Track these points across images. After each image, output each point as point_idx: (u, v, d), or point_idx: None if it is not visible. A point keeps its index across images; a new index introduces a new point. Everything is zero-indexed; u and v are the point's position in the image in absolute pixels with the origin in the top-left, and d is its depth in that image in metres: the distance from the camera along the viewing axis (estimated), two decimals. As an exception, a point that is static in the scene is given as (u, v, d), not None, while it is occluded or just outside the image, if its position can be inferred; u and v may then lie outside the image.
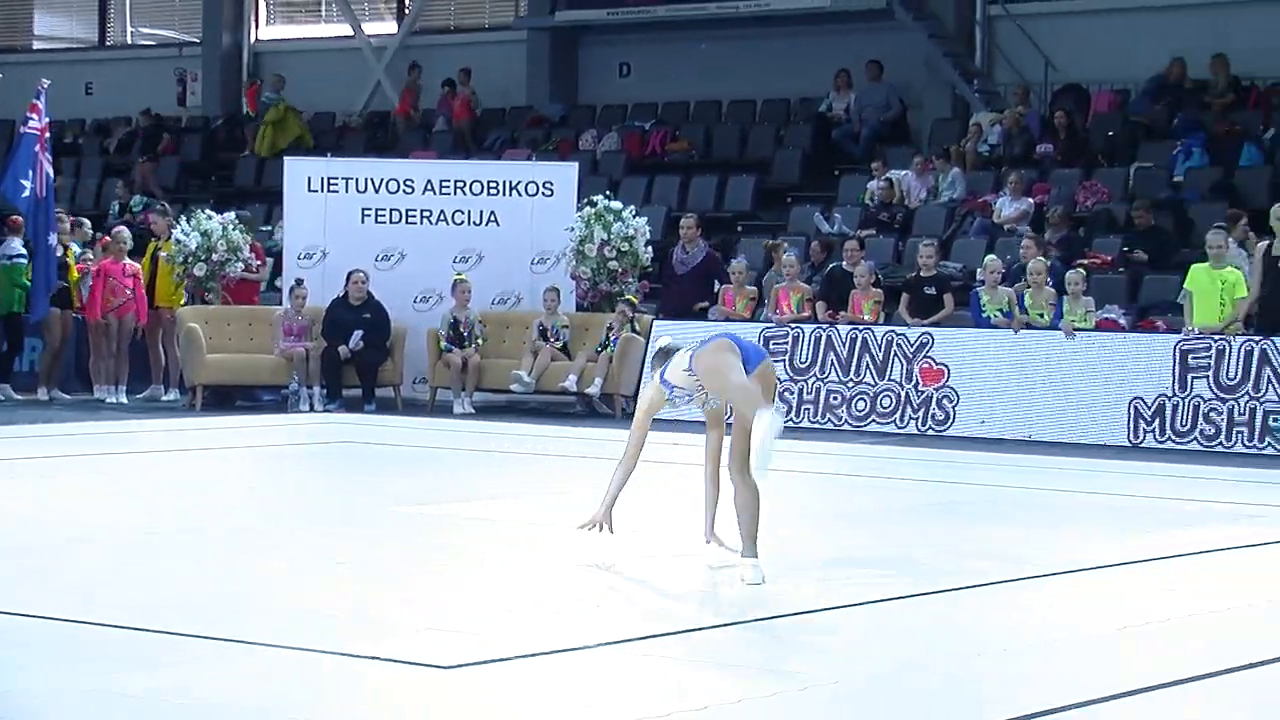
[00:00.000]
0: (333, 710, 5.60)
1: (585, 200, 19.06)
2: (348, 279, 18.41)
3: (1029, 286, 17.02)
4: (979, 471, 13.68)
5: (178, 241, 18.93)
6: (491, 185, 19.36)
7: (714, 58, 26.46)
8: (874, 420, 16.96)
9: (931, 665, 6.41)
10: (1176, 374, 15.77)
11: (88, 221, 20.38)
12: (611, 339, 18.04)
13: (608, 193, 19.71)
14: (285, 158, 21.46)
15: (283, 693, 5.79)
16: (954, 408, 16.66)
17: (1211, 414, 15.59)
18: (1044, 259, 17.40)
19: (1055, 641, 6.89)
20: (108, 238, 19.51)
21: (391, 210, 19.32)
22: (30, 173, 18.56)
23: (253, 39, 31.14)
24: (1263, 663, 6.54)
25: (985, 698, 5.96)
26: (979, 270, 18.12)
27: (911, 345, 16.97)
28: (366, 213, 19.31)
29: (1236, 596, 8.01)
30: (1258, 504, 11.95)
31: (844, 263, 18.42)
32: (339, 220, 19.25)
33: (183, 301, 18.99)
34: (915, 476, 13.36)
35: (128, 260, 18.96)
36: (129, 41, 32.82)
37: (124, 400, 18.59)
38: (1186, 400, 15.71)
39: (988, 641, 6.88)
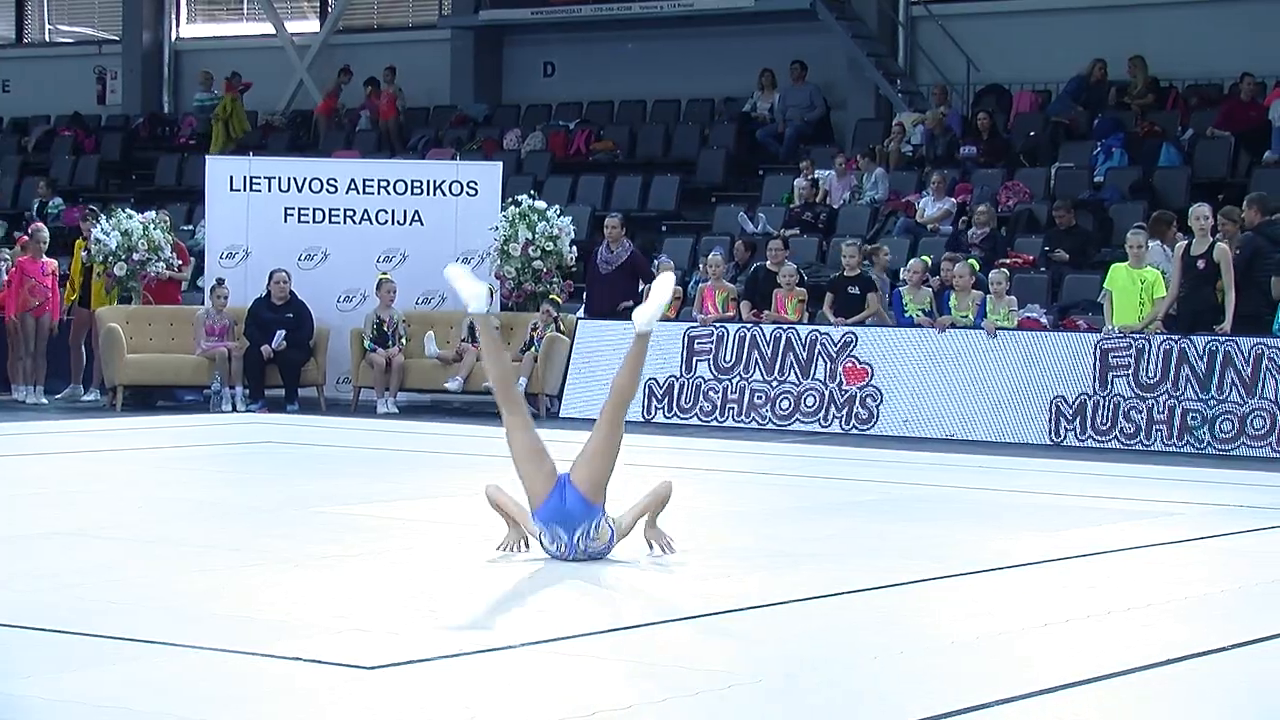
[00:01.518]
0: (256, 711, 5.57)
1: (509, 200, 19.03)
2: (270, 278, 18.31)
3: (953, 288, 17.12)
4: (902, 470, 13.74)
5: (97, 241, 18.77)
6: (415, 185, 19.30)
7: (638, 57, 26.50)
8: (798, 419, 17.02)
9: (854, 663, 6.43)
10: (1097, 373, 15.91)
11: None
12: (536, 339, 18.01)
13: (532, 192, 19.69)
14: (206, 156, 21.33)
15: (204, 695, 5.74)
16: (877, 407, 16.74)
17: (1131, 413, 15.73)
18: (974, 264, 17.49)
19: (977, 639, 6.93)
20: (25, 236, 19.30)
21: (315, 209, 19.23)
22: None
23: (173, 37, 30.93)
24: (1183, 658, 6.60)
25: (907, 695, 5.99)
26: (902, 270, 18.23)
27: (835, 345, 17.03)
28: (289, 212, 19.21)
29: (1156, 593, 8.08)
30: (1176, 502, 12.06)
31: (768, 262, 18.48)
32: (261, 219, 19.14)
33: (115, 303, 18.83)
34: (838, 475, 13.41)
35: (46, 259, 18.77)
36: (47, 39, 32.53)
37: (43, 400, 18.41)
38: (1107, 399, 15.84)
39: (910, 639, 6.91)
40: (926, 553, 9.12)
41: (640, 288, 18.72)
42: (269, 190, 19.22)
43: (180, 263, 19.73)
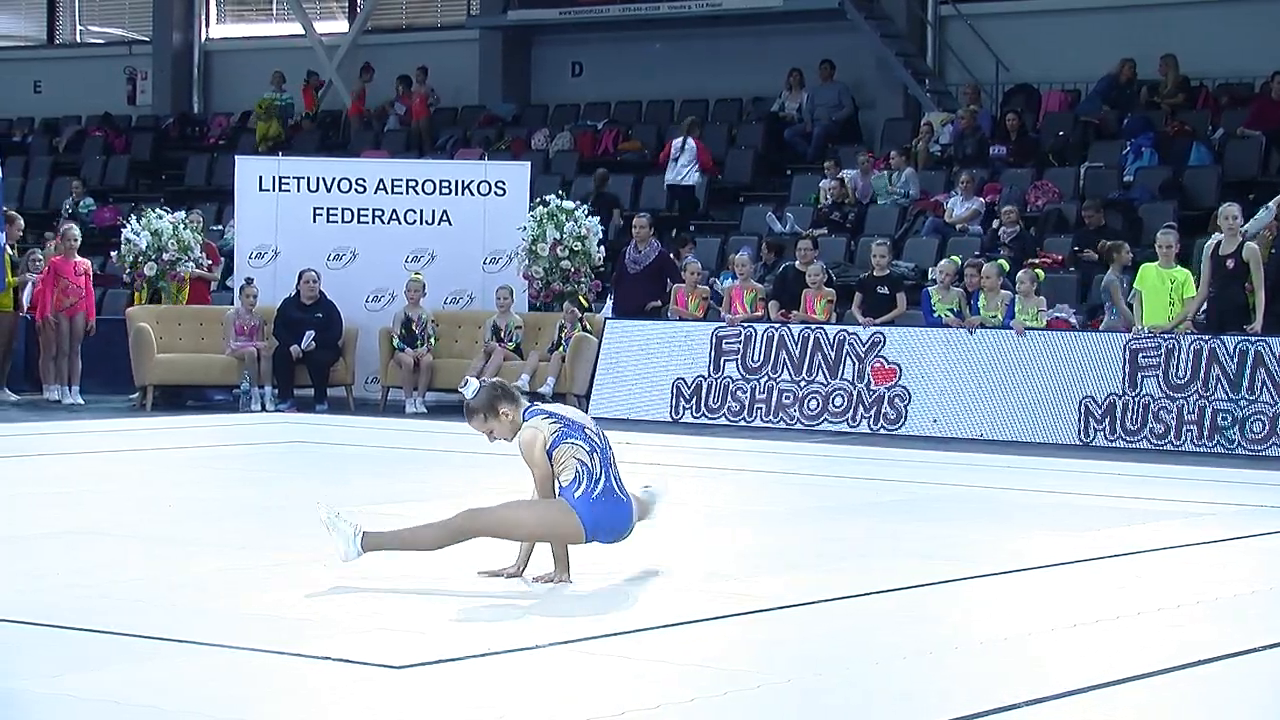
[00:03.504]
0: (284, 710, 5.58)
1: (537, 200, 19.04)
2: (299, 278, 18.35)
3: (982, 289, 17.06)
4: (930, 471, 13.71)
5: (127, 241, 18.84)
6: (444, 184, 19.32)
7: (666, 57, 26.49)
8: (826, 419, 16.99)
9: (883, 663, 6.42)
10: (1126, 373, 15.85)
11: (20, 219, 19.94)
12: (564, 339, 18.02)
13: (560, 192, 19.69)
14: (237, 156, 21.39)
15: (234, 693, 5.75)
16: (906, 407, 16.70)
17: (1161, 413, 15.67)
18: (1004, 264, 17.43)
19: (1006, 640, 6.91)
20: (59, 236, 19.36)
21: (343, 209, 19.26)
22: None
23: (203, 38, 31.02)
24: (1215, 659, 6.57)
25: (937, 695, 5.97)
26: (930, 270, 18.17)
27: (863, 345, 17.00)
28: (318, 212, 19.25)
29: (1187, 594, 8.05)
30: (1206, 502, 12.02)
31: (796, 262, 18.45)
32: (290, 219, 19.18)
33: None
34: (866, 475, 13.38)
35: (79, 258, 18.83)
36: (78, 40, 32.65)
37: (79, 400, 18.42)
38: (1136, 399, 15.78)
39: (939, 639, 6.89)
40: (954, 553, 9.10)
41: (668, 288, 18.72)
42: (298, 190, 19.25)
43: (210, 262, 19.78)
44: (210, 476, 12.69)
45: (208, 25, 31.15)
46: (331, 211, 19.26)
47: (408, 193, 19.30)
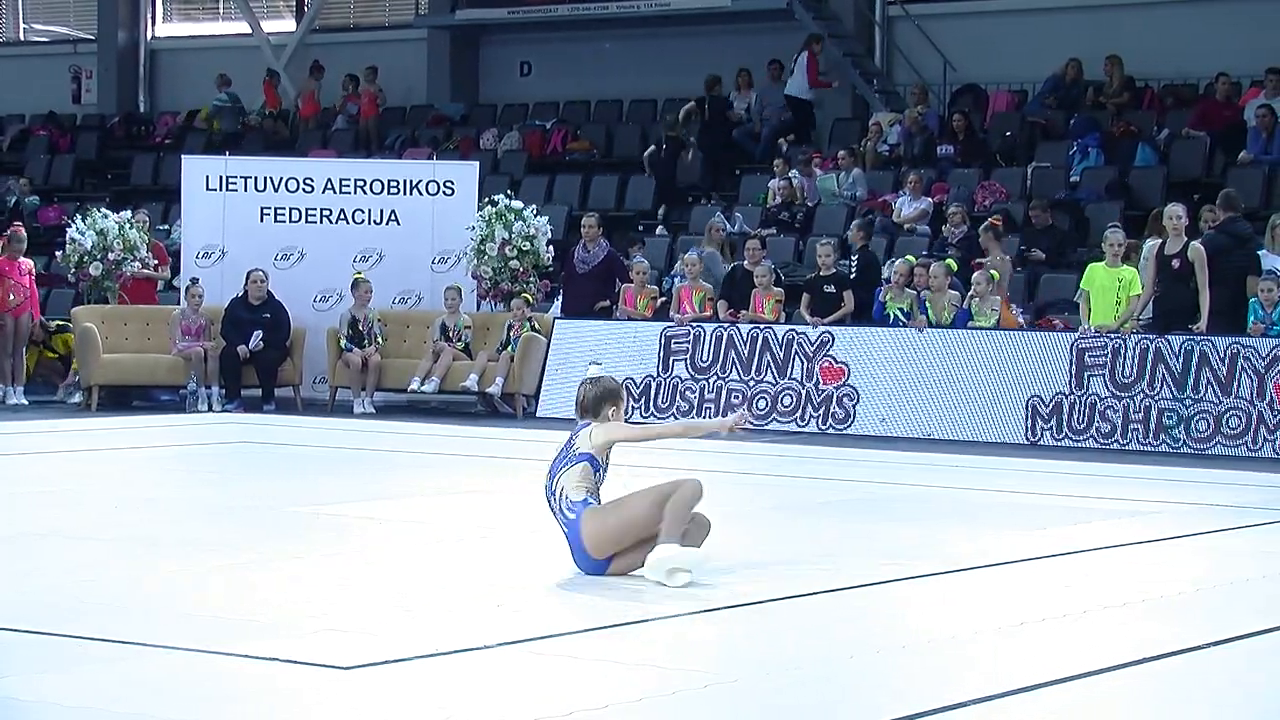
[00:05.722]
0: (234, 712, 5.55)
1: (486, 199, 19.01)
2: (247, 278, 18.27)
3: (930, 289, 17.10)
4: (878, 470, 13.75)
5: (72, 240, 18.71)
6: (392, 184, 19.27)
7: (615, 57, 26.50)
8: (775, 419, 17.02)
9: (831, 662, 6.44)
10: (1073, 373, 15.94)
11: None
12: (513, 338, 18.00)
13: (508, 192, 19.67)
14: (183, 156, 21.27)
15: (182, 695, 5.72)
16: (854, 406, 16.75)
17: (1108, 412, 15.76)
18: (952, 264, 17.46)
19: (953, 638, 6.93)
20: (4, 236, 19.22)
21: (291, 209, 19.18)
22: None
23: (149, 36, 30.86)
24: (1159, 656, 6.61)
25: (884, 694, 5.99)
26: (885, 267, 18.19)
27: (812, 344, 17.04)
28: (266, 211, 19.17)
29: (1131, 592, 8.09)
30: (1152, 501, 12.09)
31: (745, 262, 18.47)
32: (238, 219, 19.10)
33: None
34: (815, 475, 13.41)
35: (23, 259, 18.69)
36: (22, 38, 32.43)
37: (23, 401, 18.30)
38: (1083, 399, 15.87)
39: (887, 638, 6.91)
40: (903, 552, 9.13)
41: (617, 288, 18.70)
42: (245, 190, 19.17)
43: (157, 262, 19.67)
44: (159, 477, 12.62)
45: (154, 24, 30.99)
46: (279, 211, 19.18)
47: (356, 192, 19.24)
